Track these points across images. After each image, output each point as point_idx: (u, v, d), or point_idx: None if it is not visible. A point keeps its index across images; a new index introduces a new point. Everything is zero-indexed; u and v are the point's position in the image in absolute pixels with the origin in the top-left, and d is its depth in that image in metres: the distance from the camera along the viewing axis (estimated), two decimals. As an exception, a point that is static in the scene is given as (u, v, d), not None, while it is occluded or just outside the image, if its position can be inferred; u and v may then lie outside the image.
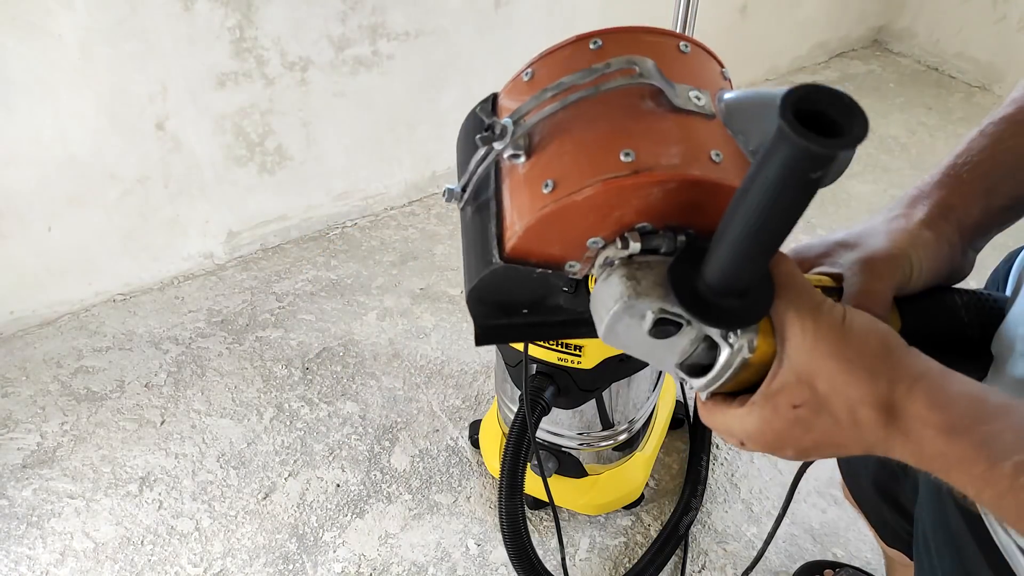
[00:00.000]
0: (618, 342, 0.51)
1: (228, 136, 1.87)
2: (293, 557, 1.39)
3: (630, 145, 0.46)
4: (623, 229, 0.48)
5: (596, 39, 0.51)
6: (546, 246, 0.50)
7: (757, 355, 0.48)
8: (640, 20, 2.23)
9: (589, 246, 0.50)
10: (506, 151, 0.49)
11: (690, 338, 0.50)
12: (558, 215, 0.47)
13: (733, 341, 0.48)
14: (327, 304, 1.93)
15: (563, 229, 0.48)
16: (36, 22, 1.52)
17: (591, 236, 0.49)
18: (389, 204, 2.25)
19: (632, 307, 0.48)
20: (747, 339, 0.48)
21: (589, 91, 0.47)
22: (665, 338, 0.49)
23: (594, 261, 0.51)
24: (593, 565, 1.38)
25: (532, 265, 0.51)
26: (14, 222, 1.71)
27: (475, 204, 0.53)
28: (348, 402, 1.68)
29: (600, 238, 0.49)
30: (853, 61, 2.98)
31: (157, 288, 1.97)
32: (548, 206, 0.47)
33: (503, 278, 0.52)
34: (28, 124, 1.61)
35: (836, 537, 1.42)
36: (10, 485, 1.51)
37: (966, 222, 0.59)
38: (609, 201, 0.46)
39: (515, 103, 0.50)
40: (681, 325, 0.48)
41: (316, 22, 1.84)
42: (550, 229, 0.48)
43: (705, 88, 0.49)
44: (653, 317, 0.48)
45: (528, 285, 0.54)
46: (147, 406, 1.67)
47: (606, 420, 1.28)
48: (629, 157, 0.45)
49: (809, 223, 2.19)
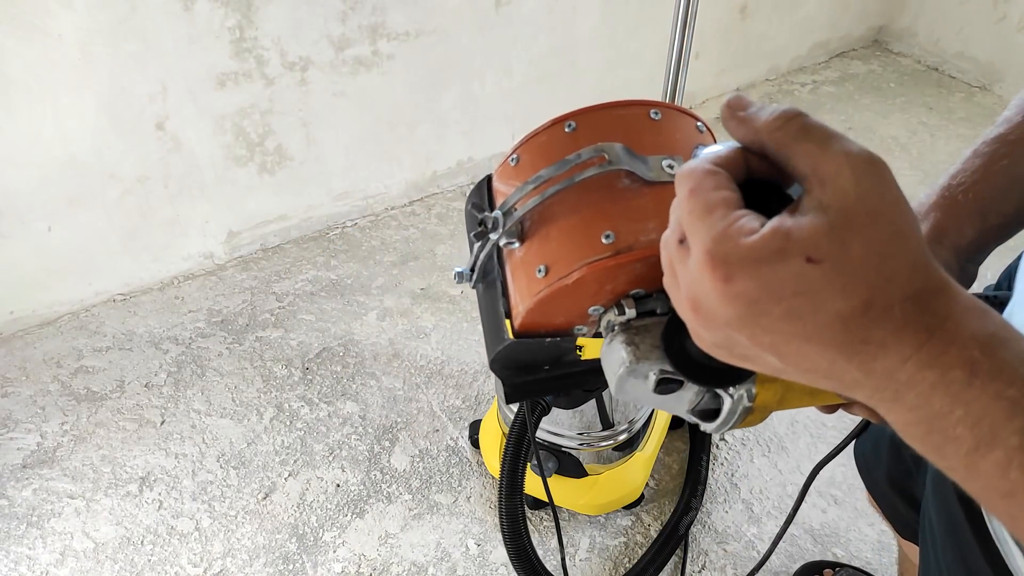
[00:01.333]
0: (629, 397, 0.54)
1: (228, 136, 1.87)
2: (293, 557, 1.39)
3: (609, 227, 0.50)
4: (618, 297, 0.53)
5: (570, 121, 0.54)
6: (550, 319, 0.56)
7: (759, 401, 0.50)
8: (640, 21, 2.23)
9: (591, 313, 0.55)
10: (501, 240, 0.54)
11: (694, 391, 0.52)
12: (554, 297, 0.52)
13: (732, 392, 0.50)
14: (327, 304, 1.93)
15: (563, 305, 0.53)
16: (36, 22, 1.52)
17: (590, 306, 0.54)
18: (389, 204, 2.25)
19: (635, 370, 0.51)
20: (745, 389, 0.50)
21: (565, 183, 0.51)
22: (670, 393, 0.52)
23: (598, 324, 0.56)
24: (593, 565, 1.38)
25: (542, 335, 0.58)
26: (14, 222, 1.71)
27: (485, 282, 0.59)
28: (348, 402, 1.68)
29: (600, 306, 0.54)
30: (853, 61, 2.98)
31: (157, 288, 1.97)
32: (543, 290, 0.52)
33: (517, 350, 0.59)
34: (28, 124, 1.61)
35: (836, 537, 1.42)
36: (10, 485, 1.51)
37: (960, 243, 0.61)
38: (598, 279, 0.50)
39: (506, 188, 0.56)
40: (683, 382, 0.51)
41: (316, 22, 1.84)
42: (550, 307, 0.53)
43: (678, 153, 0.52)
44: (655, 378, 0.51)
45: (543, 349, 0.61)
46: (147, 406, 1.67)
47: (606, 420, 1.28)
48: (609, 239, 0.49)
49: (809, 223, 2.19)
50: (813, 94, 2.79)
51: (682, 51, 1.15)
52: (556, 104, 2.40)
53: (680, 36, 1.14)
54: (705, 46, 2.58)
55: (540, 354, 0.61)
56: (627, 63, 2.44)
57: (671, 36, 1.15)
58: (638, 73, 2.49)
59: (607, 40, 2.36)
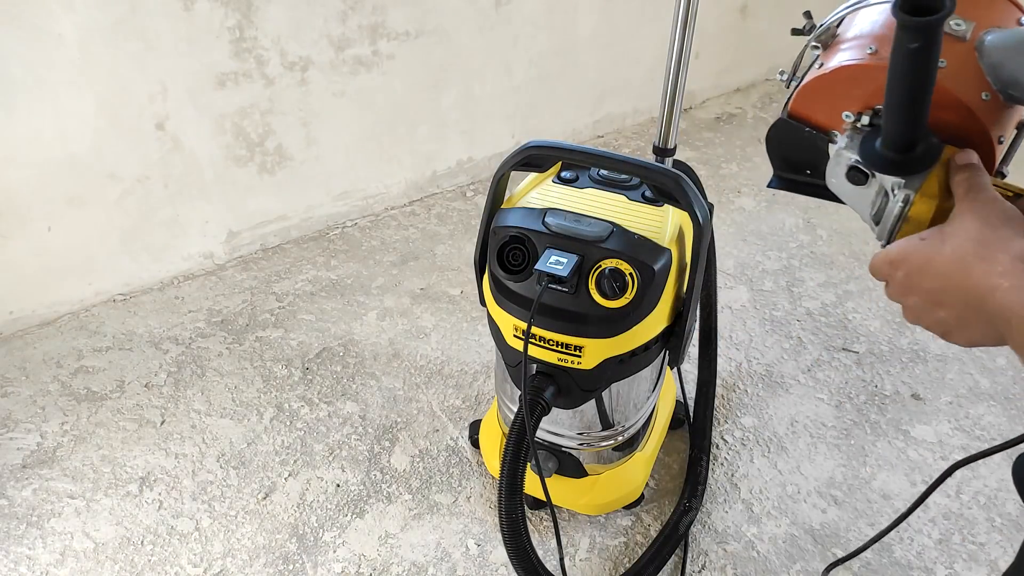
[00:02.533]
0: (834, 187, 0.72)
1: (228, 136, 1.87)
2: (293, 557, 1.39)
3: (875, 43, 0.68)
4: (864, 109, 0.69)
5: None
6: (814, 111, 0.73)
7: (913, 211, 0.65)
8: (641, 18, 2.23)
9: (844, 119, 0.70)
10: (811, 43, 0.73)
11: (875, 190, 0.69)
12: (818, 85, 0.71)
13: (897, 193, 0.66)
14: (327, 304, 1.93)
15: (824, 100, 0.71)
16: (36, 22, 1.52)
17: (844, 110, 0.70)
18: (389, 204, 2.25)
19: (840, 155, 0.70)
20: (904, 194, 0.65)
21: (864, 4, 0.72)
22: (858, 185, 0.69)
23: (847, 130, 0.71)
24: (593, 565, 1.38)
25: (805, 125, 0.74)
26: (14, 222, 1.71)
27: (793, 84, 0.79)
28: (348, 402, 1.68)
29: (851, 113, 0.70)
30: (853, 61, 2.98)
31: (157, 288, 1.97)
32: (812, 78, 0.72)
33: (785, 131, 0.76)
34: (28, 124, 1.61)
35: (836, 537, 1.42)
36: (10, 485, 1.51)
37: None
38: (852, 76, 0.68)
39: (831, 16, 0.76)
40: (868, 176, 0.68)
41: (316, 22, 1.84)
42: (814, 97, 0.72)
43: (973, 21, 0.66)
44: (847, 165, 0.69)
45: (803, 146, 0.75)
46: (147, 406, 1.67)
47: (606, 420, 1.28)
48: (871, 51, 0.68)
49: (809, 223, 2.19)
50: (813, 94, 2.79)
51: (682, 51, 1.15)
52: (556, 104, 2.40)
53: (680, 36, 1.14)
54: (705, 46, 2.58)
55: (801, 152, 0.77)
56: (627, 63, 2.44)
57: (671, 36, 1.15)
58: (638, 73, 2.49)
59: (607, 40, 2.36)
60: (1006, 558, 1.38)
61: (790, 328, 1.86)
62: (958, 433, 1.60)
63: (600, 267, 1.05)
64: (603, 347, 1.10)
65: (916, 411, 1.65)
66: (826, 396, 1.69)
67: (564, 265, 1.04)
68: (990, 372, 1.73)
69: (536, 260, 1.07)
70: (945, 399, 1.68)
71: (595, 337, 1.09)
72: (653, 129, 2.58)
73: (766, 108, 2.72)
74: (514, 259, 1.11)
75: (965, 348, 1.78)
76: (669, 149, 1.24)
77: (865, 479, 1.52)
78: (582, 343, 1.10)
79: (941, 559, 1.38)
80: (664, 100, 1.19)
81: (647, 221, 1.11)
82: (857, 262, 2.05)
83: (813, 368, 1.75)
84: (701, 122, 2.63)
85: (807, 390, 1.70)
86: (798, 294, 1.96)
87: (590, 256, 1.06)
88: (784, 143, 0.77)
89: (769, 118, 2.65)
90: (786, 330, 1.86)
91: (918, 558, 1.38)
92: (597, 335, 1.09)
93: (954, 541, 1.41)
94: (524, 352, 1.07)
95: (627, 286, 1.05)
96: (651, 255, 1.06)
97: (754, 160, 2.45)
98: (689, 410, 1.57)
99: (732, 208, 2.26)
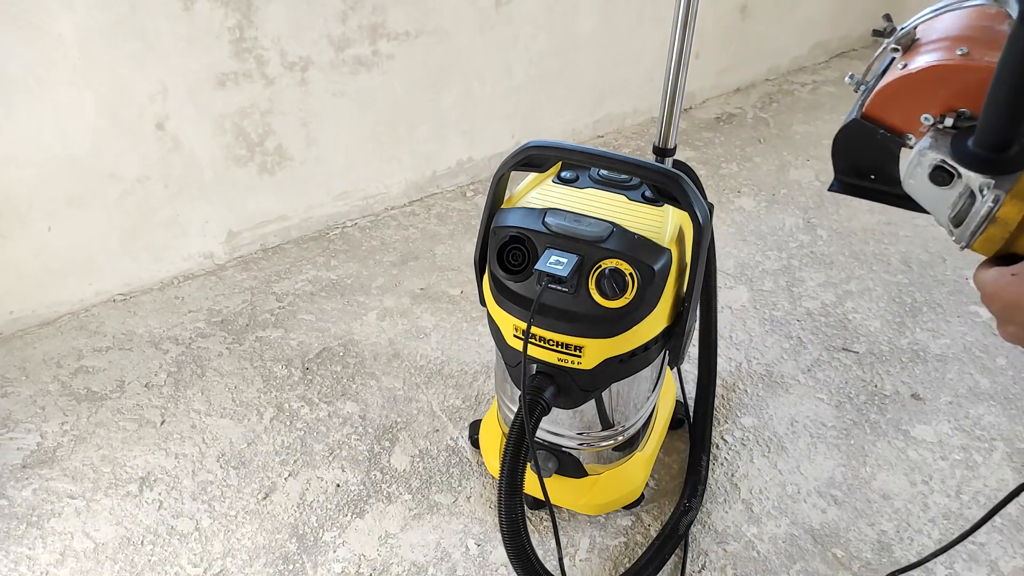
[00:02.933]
0: (911, 188, 0.71)
1: (228, 136, 1.87)
2: (293, 557, 1.39)
3: (966, 45, 0.68)
4: (946, 111, 0.69)
5: None
6: (890, 114, 0.73)
7: (1002, 212, 0.65)
8: (642, 18, 2.24)
9: (922, 122, 0.70)
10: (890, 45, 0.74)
11: (959, 191, 0.68)
12: (901, 85, 0.70)
13: (986, 194, 0.65)
14: (327, 304, 1.93)
15: (905, 101, 0.71)
16: (36, 22, 1.52)
17: (924, 112, 0.70)
18: (389, 204, 2.25)
19: (924, 155, 0.68)
20: (995, 195, 0.65)
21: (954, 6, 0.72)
22: (941, 185, 0.68)
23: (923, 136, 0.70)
24: (593, 565, 1.38)
25: (879, 127, 0.74)
26: (14, 222, 1.71)
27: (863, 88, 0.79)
28: (348, 402, 1.68)
29: (930, 115, 0.69)
30: (853, 61, 2.98)
31: (157, 288, 1.98)
32: (896, 77, 0.71)
33: (856, 133, 0.75)
34: (28, 124, 1.61)
35: (836, 537, 1.42)
36: (10, 485, 1.51)
37: None
38: (940, 76, 0.68)
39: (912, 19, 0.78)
40: (952, 176, 0.67)
41: (316, 22, 1.84)
42: (895, 98, 0.71)
43: None
44: (931, 165, 0.68)
45: (872, 150, 0.75)
46: (147, 406, 1.67)
47: (606, 420, 1.28)
48: (961, 52, 0.68)
49: (809, 223, 2.19)
50: (813, 94, 2.79)
51: (682, 51, 1.15)
52: (556, 104, 2.40)
53: (680, 36, 1.14)
54: (705, 46, 2.58)
55: (869, 156, 0.76)
56: (627, 63, 2.44)
57: (671, 36, 1.15)
58: (638, 73, 2.49)
59: (607, 40, 2.36)
60: (1006, 558, 1.38)
61: (790, 328, 1.86)
62: (958, 433, 1.60)
63: (600, 267, 1.05)
64: (603, 347, 1.10)
65: (916, 411, 1.65)
66: (826, 396, 1.69)
67: (564, 265, 1.04)
68: (990, 372, 1.73)
69: (536, 260, 1.07)
70: (945, 399, 1.68)
71: (595, 337, 1.09)
72: (653, 129, 2.58)
73: (766, 108, 2.72)
74: (514, 259, 1.11)
75: (966, 348, 1.78)
76: (669, 149, 1.24)
77: (865, 479, 1.52)
78: (582, 343, 1.10)
79: (941, 559, 1.38)
80: (664, 100, 1.19)
81: (647, 221, 1.11)
82: (857, 262, 2.05)
83: (813, 368, 1.75)
84: (701, 122, 2.63)
85: (807, 390, 1.70)
86: (798, 294, 1.96)
87: (590, 256, 1.06)
88: (853, 146, 0.77)
89: (769, 118, 2.65)
90: (786, 330, 1.86)
91: (918, 558, 1.38)
92: (597, 335, 1.09)
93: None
94: (524, 352, 1.07)
95: (627, 286, 1.05)
96: (651, 255, 1.06)
97: (754, 160, 2.45)
98: (689, 410, 1.57)
99: (732, 208, 2.26)
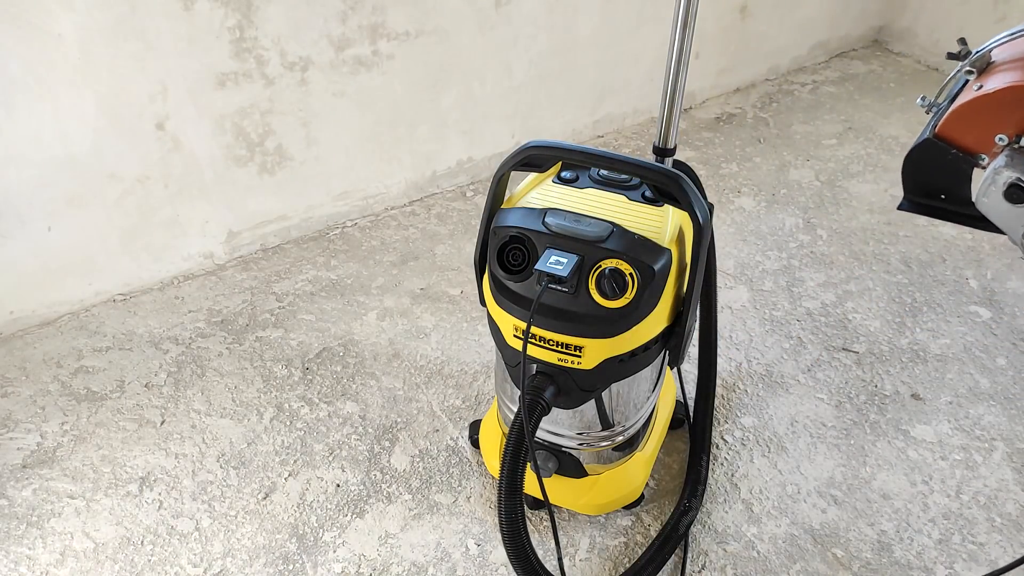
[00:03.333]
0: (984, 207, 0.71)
1: (228, 136, 1.87)
2: (293, 557, 1.39)
3: None
4: (1022, 131, 0.69)
5: None
6: (964, 133, 0.73)
7: None
8: (642, 18, 2.25)
9: (996, 142, 0.71)
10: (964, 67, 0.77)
11: None
12: (977, 105, 0.71)
13: None
14: (327, 304, 1.94)
15: (979, 121, 0.71)
16: (36, 22, 1.52)
17: (999, 133, 0.70)
18: (389, 204, 2.25)
19: (999, 174, 0.69)
20: None
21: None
22: (1016, 203, 0.69)
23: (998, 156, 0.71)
24: (593, 565, 1.38)
25: (952, 147, 0.74)
26: (14, 222, 1.71)
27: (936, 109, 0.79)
28: (348, 402, 1.68)
29: (1005, 136, 0.70)
30: (853, 61, 2.98)
31: (157, 288, 1.98)
32: (971, 97, 0.71)
33: (928, 153, 0.75)
34: (28, 124, 1.61)
35: (836, 537, 1.42)
36: (10, 485, 1.51)
37: None
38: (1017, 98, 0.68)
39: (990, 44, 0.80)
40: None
41: (316, 22, 1.84)
42: (970, 118, 0.72)
43: None
44: (1006, 183, 0.68)
45: (944, 170, 0.75)
46: (147, 406, 1.67)
47: (606, 420, 1.28)
48: None
49: (809, 223, 2.19)
50: (813, 94, 2.79)
51: (682, 51, 1.15)
52: (556, 104, 2.40)
53: (680, 36, 1.14)
54: (705, 46, 2.58)
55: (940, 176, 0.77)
56: (627, 63, 2.44)
57: (671, 36, 1.15)
58: (638, 73, 2.49)
59: (607, 40, 2.36)
60: (1006, 558, 1.38)
61: (790, 328, 1.86)
62: (958, 433, 1.60)
63: (600, 267, 1.05)
64: (603, 347, 1.10)
65: (916, 411, 1.65)
66: (826, 396, 1.69)
67: (564, 265, 1.04)
68: (990, 372, 1.73)
69: (536, 260, 1.07)
70: (945, 399, 1.68)
71: (595, 337, 1.09)
72: (653, 129, 2.58)
73: (766, 108, 2.72)
74: (514, 259, 1.11)
75: (966, 348, 1.78)
76: (669, 149, 1.24)
77: (865, 479, 1.52)
78: (582, 343, 1.10)
79: (941, 559, 1.38)
80: (664, 100, 1.19)
81: (647, 221, 1.11)
82: (857, 262, 2.05)
83: (813, 368, 1.75)
84: (701, 122, 2.63)
85: (807, 390, 1.70)
86: (798, 294, 1.96)
87: (590, 256, 1.06)
88: (924, 166, 0.78)
89: (769, 118, 2.65)
90: (786, 330, 1.86)
91: (918, 558, 1.38)
92: (597, 335, 1.09)
93: (954, 541, 1.41)
94: (524, 352, 1.07)
95: (627, 286, 1.05)
96: (651, 255, 1.06)
97: (754, 160, 2.45)
98: (689, 410, 1.57)
99: (732, 208, 2.26)
